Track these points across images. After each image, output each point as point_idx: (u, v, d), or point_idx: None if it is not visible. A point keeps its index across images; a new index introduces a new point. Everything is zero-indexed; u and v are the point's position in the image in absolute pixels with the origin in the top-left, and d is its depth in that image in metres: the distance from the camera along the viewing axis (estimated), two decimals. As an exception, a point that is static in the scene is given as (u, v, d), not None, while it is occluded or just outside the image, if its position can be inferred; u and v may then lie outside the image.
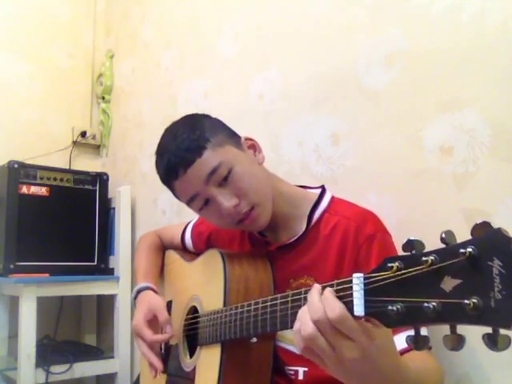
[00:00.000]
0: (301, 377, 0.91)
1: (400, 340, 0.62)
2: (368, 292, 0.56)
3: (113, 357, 1.90)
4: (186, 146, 0.89)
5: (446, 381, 0.94)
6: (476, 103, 0.95)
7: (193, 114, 1.00)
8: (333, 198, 0.98)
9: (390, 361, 0.60)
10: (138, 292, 1.11)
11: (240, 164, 0.90)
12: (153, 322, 1.03)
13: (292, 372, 0.92)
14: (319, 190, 0.99)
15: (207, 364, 0.93)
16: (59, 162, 2.16)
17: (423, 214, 1.03)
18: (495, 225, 0.45)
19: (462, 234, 0.49)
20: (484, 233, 0.46)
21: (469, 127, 0.96)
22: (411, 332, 0.52)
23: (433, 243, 0.52)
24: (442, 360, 0.81)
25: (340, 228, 0.91)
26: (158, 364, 1.00)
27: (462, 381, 0.94)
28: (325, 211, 0.95)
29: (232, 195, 0.89)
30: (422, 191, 1.03)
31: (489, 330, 0.45)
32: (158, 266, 1.24)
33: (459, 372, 0.94)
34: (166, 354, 1.09)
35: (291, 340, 0.92)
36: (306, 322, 0.58)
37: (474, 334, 0.48)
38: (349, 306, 0.57)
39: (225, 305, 0.90)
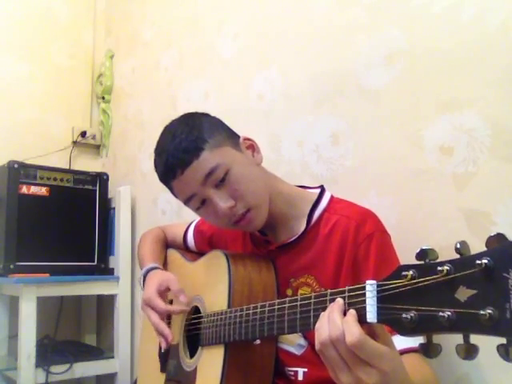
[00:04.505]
0: (300, 377, 0.91)
1: (399, 340, 0.62)
2: (381, 299, 0.56)
3: (113, 357, 1.90)
4: (183, 147, 0.88)
5: (446, 381, 0.94)
6: (476, 103, 0.95)
7: (192, 113, 0.99)
8: (332, 197, 0.98)
9: (403, 377, 0.60)
10: (147, 272, 1.09)
11: (237, 166, 0.90)
12: (163, 296, 1.01)
13: (292, 373, 0.92)
14: (318, 190, 0.99)
15: (209, 364, 0.92)
16: (59, 162, 2.16)
17: (423, 214, 1.03)
18: (495, 224, 0.45)
19: (462, 234, 0.49)
20: (499, 245, 0.46)
21: (469, 127, 0.96)
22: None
23: (433, 243, 0.52)
24: (441, 360, 0.81)
25: (340, 227, 0.90)
26: (170, 334, 0.97)
27: (462, 381, 0.94)
28: (324, 210, 0.95)
29: (228, 197, 0.89)
30: (422, 191, 1.03)
31: (503, 340, 0.45)
32: (162, 256, 1.23)
33: (459, 372, 0.94)
34: (166, 353, 1.09)
35: (291, 341, 0.92)
36: (325, 337, 0.58)
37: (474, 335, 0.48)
38: (361, 312, 0.57)
39: (229, 306, 0.89)
